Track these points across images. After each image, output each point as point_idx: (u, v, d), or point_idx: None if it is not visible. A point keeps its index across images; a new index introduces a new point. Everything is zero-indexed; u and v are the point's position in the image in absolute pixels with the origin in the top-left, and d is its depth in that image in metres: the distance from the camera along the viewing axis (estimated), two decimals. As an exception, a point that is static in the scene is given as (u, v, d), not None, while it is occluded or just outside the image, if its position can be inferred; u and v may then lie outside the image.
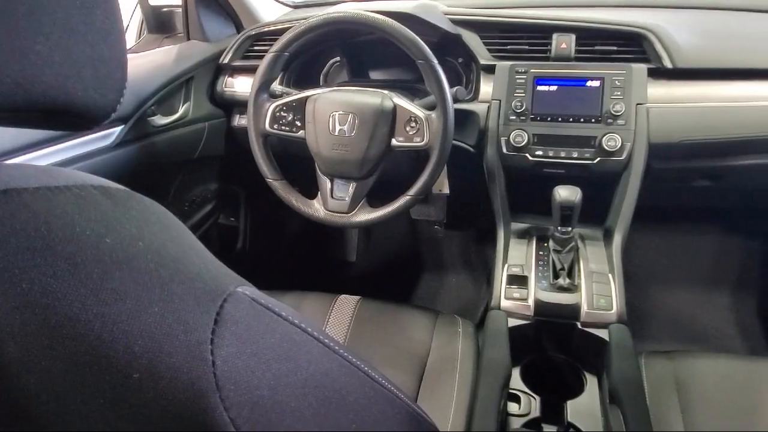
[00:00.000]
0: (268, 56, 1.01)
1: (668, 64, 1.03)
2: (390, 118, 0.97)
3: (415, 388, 0.93)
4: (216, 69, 1.33)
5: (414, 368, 0.95)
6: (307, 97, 1.02)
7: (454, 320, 1.04)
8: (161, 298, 0.27)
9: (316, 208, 1.05)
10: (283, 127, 1.04)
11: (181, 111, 1.23)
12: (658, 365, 0.93)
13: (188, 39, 1.35)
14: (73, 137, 0.97)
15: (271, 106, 1.03)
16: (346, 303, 1.08)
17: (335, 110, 0.99)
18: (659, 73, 1.04)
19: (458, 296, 1.64)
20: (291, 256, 1.75)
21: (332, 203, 1.04)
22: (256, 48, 1.29)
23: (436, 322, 1.04)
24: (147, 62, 1.20)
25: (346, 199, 1.03)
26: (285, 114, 1.04)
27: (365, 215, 1.02)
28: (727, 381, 0.89)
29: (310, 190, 1.08)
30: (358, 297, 1.09)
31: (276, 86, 1.21)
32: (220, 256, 0.35)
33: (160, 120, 1.17)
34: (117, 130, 1.06)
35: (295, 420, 0.30)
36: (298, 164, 1.11)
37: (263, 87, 1.03)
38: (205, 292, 0.29)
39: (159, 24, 1.41)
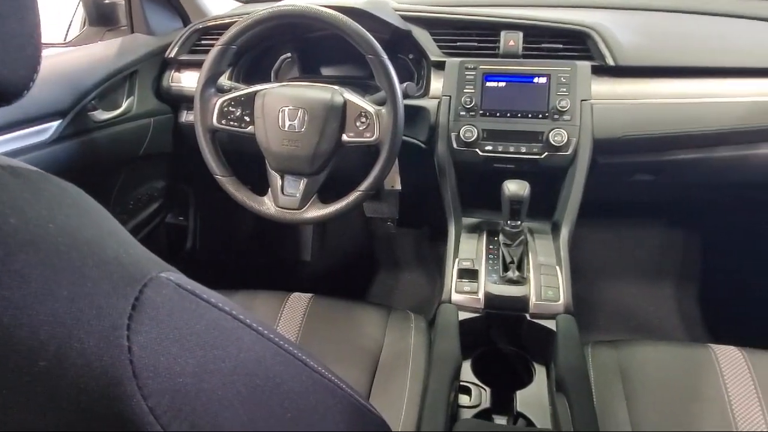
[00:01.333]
0: (215, 49, 0.98)
1: (611, 62, 1.06)
2: (340, 114, 0.96)
3: (368, 385, 0.92)
4: (162, 63, 1.29)
5: (367, 365, 0.95)
6: (256, 92, 1.00)
7: (407, 316, 1.04)
8: (72, 281, 0.26)
9: (266, 205, 1.03)
10: (231, 123, 1.02)
11: (124, 106, 1.18)
12: (604, 354, 0.95)
13: (132, 32, 1.30)
14: (5, 132, 0.92)
15: (219, 101, 1.01)
16: (299, 301, 1.07)
17: (285, 105, 0.97)
18: (602, 70, 1.07)
19: (413, 293, 1.64)
20: (243, 256, 1.71)
21: (283, 200, 1.03)
22: (203, 42, 1.26)
23: (389, 318, 1.04)
24: (87, 55, 1.15)
25: (297, 195, 1.02)
26: (233, 109, 1.01)
27: (316, 211, 1.01)
28: (668, 367, 0.92)
29: (261, 186, 1.06)
30: (310, 295, 1.08)
31: (224, 81, 1.19)
32: (168, 255, 0.34)
33: (102, 115, 1.13)
34: (54, 125, 1.02)
35: (223, 408, 0.29)
36: (248, 160, 1.09)
37: (210, 81, 1.00)
38: (122, 276, 0.28)
39: (101, 17, 1.36)
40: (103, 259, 0.28)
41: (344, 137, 0.98)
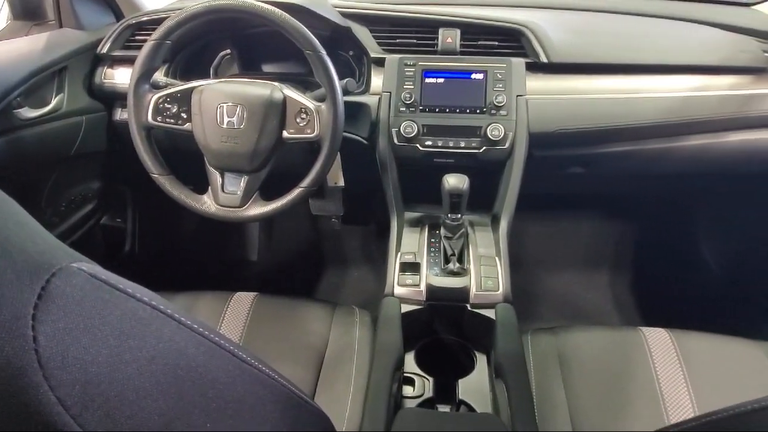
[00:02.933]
0: (148, 44, 0.96)
1: (544, 58, 1.10)
2: (280, 110, 0.96)
3: (313, 382, 0.92)
4: (94, 59, 1.24)
5: (312, 361, 0.95)
6: (192, 88, 0.98)
7: (352, 311, 1.05)
8: None
9: (206, 204, 1.02)
10: (167, 120, 0.99)
11: (53, 103, 1.13)
12: (543, 341, 0.99)
13: (60, 27, 1.25)
14: None
15: (154, 97, 0.98)
16: (242, 301, 1.05)
17: (223, 102, 0.96)
18: (536, 67, 1.11)
19: (360, 289, 1.65)
20: (187, 257, 1.67)
21: (223, 198, 1.01)
22: (137, 38, 1.22)
23: (334, 314, 1.04)
24: (10, 50, 1.09)
25: (238, 193, 1.00)
26: (169, 106, 0.99)
27: (258, 209, 1.00)
28: (603, 351, 0.97)
29: (203, 185, 1.04)
30: (254, 294, 1.07)
31: (160, 77, 1.16)
32: (105, 258, 0.33)
33: (29, 113, 1.08)
34: (-25, 123, 0.96)
35: (140, 397, 0.29)
36: (187, 159, 1.07)
37: (144, 77, 0.98)
38: (27, 266, 0.27)
39: (26, 10, 1.28)
40: (6, 249, 0.27)
41: (285, 134, 0.97)
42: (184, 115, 0.99)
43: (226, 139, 0.96)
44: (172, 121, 0.99)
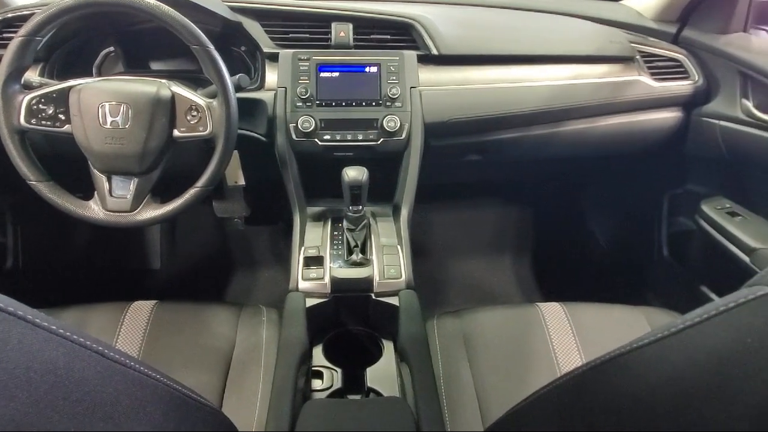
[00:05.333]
0: (15, 41, 0.88)
1: (434, 51, 1.13)
2: (168, 108, 0.92)
3: (221, 385, 0.90)
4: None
5: (218, 365, 0.93)
6: (70, 88, 0.92)
7: (258, 310, 1.03)
8: None
9: (92, 210, 0.95)
10: (43, 122, 0.92)
11: None
12: (448, 324, 1.02)
13: None
14: None
15: (26, 99, 0.91)
16: (141, 310, 1.00)
17: (105, 101, 0.90)
18: (428, 59, 1.14)
19: (271, 289, 1.63)
20: (80, 269, 1.56)
21: (112, 202, 0.95)
22: (5, 35, 1.12)
23: (240, 315, 1.02)
24: None
25: (128, 196, 0.95)
26: (44, 107, 0.92)
27: (152, 212, 0.95)
28: (504, 328, 1.02)
29: (88, 190, 0.98)
30: (154, 302, 1.02)
31: (33, 77, 1.07)
32: None
33: None
34: None
35: None
36: (70, 163, 1.00)
37: (12, 77, 0.90)
38: None
39: None
40: None
41: (176, 132, 0.93)
42: (62, 117, 0.92)
43: (110, 140, 0.91)
44: (48, 123, 0.92)
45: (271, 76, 1.12)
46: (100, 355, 0.36)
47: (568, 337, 1.00)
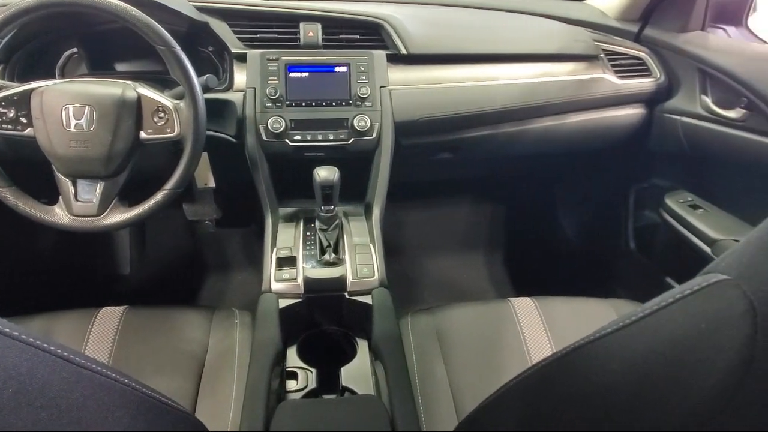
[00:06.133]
0: (-29, 43, 0.86)
1: (403, 50, 1.14)
2: (134, 110, 0.90)
3: (194, 390, 0.89)
4: None
5: (191, 370, 0.92)
6: (31, 90, 0.90)
7: (231, 313, 1.02)
8: None
9: (58, 215, 0.93)
10: (4, 126, 0.90)
11: None
12: (422, 321, 1.03)
13: None
14: None
15: (-15, 102, 0.88)
16: (110, 315, 0.98)
17: (68, 103, 0.89)
18: (397, 58, 1.15)
19: (244, 291, 1.62)
20: (47, 277, 1.52)
21: (78, 207, 0.93)
22: (-38, 37, 1.09)
23: (213, 318, 1.01)
24: None
25: (94, 200, 0.93)
26: (5, 110, 0.90)
27: (119, 216, 0.94)
28: (477, 324, 1.03)
29: (53, 195, 0.96)
30: (123, 307, 1.00)
31: (-8, 80, 1.05)
32: None
33: None
34: None
35: None
36: (33, 167, 0.97)
37: None
38: None
39: None
40: None
41: (142, 135, 0.92)
42: (24, 120, 0.90)
43: (75, 144, 0.89)
44: (9, 127, 0.90)
45: (240, 77, 1.11)
46: (65, 361, 0.36)
47: (540, 330, 1.02)
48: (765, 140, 1.04)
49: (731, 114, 1.11)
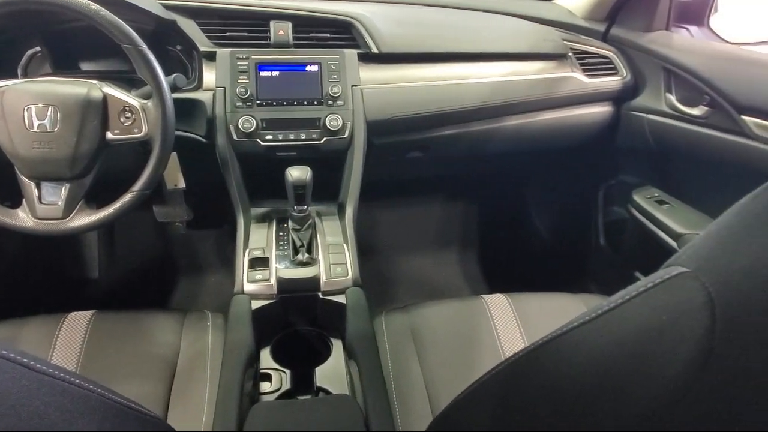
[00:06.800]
0: (-77, 40, 0.83)
1: (375, 49, 1.14)
2: (100, 110, 0.88)
3: (165, 394, 0.88)
4: None
5: (162, 374, 0.90)
6: None
7: (203, 315, 1.01)
8: None
9: (21, 218, 0.91)
10: None
11: None
12: (396, 319, 1.03)
13: None
14: None
15: (-59, 103, 0.85)
16: (78, 321, 0.96)
17: (30, 103, 0.86)
18: (368, 57, 1.15)
19: (218, 294, 1.60)
20: (10, 282, 1.48)
21: (42, 209, 0.91)
22: None
23: (185, 321, 0.99)
24: None
25: (60, 203, 0.91)
26: (-36, 111, 0.87)
27: (85, 219, 0.92)
28: (451, 321, 1.04)
29: (16, 198, 0.93)
30: (92, 312, 0.98)
31: (-51, 80, 1.01)
32: None
33: None
34: None
35: None
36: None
37: None
38: None
39: None
40: None
41: (109, 135, 0.90)
42: None
43: (38, 145, 0.87)
44: (-32, 128, 0.87)
45: (209, 76, 1.10)
46: (26, 368, 0.35)
47: (513, 326, 1.03)
48: (726, 136, 1.07)
49: (694, 111, 1.14)
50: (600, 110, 1.34)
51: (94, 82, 0.91)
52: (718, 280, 0.33)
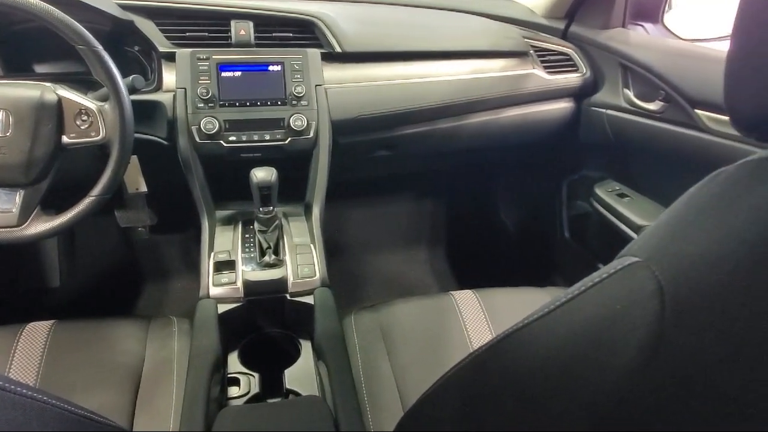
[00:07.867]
0: None
1: (338, 48, 1.14)
2: (55, 113, 0.86)
3: (130, 403, 0.85)
4: None
5: (127, 383, 0.88)
6: None
7: (169, 321, 0.99)
8: None
9: None
10: None
11: None
12: (366, 319, 1.03)
13: None
14: None
15: None
16: (37, 331, 0.93)
17: None
18: (332, 57, 1.15)
19: (184, 299, 1.57)
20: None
21: (-5, 218, 0.88)
22: None
23: (149, 328, 0.97)
24: None
25: (14, 210, 0.88)
26: None
27: (42, 225, 0.89)
28: (421, 319, 1.04)
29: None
30: (52, 321, 0.95)
31: None
32: None
33: None
34: None
35: None
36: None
37: None
38: None
39: None
40: None
41: (65, 139, 0.88)
42: None
43: None
44: None
45: (169, 77, 1.07)
46: None
47: (481, 321, 1.04)
48: (681, 130, 1.10)
49: (651, 106, 1.17)
50: (562, 106, 1.37)
51: (48, 84, 0.88)
52: (667, 268, 0.34)
